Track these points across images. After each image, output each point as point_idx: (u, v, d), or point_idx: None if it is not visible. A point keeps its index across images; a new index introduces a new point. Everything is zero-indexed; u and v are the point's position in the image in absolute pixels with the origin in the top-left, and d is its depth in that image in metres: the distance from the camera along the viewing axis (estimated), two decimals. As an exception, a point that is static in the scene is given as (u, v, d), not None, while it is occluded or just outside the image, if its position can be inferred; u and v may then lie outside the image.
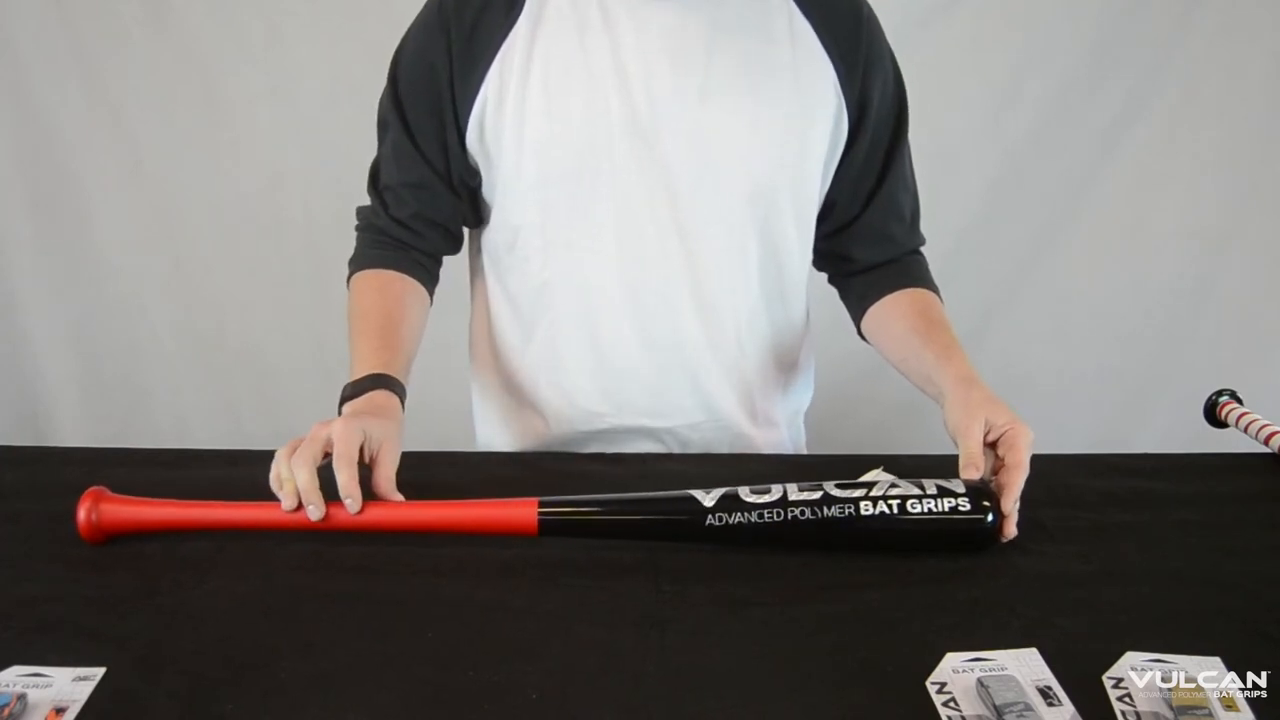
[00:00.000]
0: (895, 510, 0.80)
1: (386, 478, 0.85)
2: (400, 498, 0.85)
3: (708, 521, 0.80)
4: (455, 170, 1.06)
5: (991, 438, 0.89)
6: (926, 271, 1.14)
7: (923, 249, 1.16)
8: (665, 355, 1.08)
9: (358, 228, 1.11)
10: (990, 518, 0.81)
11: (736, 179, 1.03)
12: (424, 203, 1.07)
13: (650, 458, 1.06)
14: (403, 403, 0.94)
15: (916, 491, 0.81)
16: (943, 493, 0.81)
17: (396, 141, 1.05)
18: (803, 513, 0.80)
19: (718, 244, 1.05)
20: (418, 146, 1.05)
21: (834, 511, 0.80)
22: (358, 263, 1.08)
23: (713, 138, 1.01)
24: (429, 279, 1.10)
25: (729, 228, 1.05)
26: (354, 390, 0.93)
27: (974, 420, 0.89)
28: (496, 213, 1.08)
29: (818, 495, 0.81)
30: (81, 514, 0.80)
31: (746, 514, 0.80)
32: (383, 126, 1.08)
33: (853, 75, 1.03)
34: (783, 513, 0.80)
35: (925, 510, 0.80)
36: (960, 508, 0.81)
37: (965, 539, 0.82)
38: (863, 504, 0.80)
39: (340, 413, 0.92)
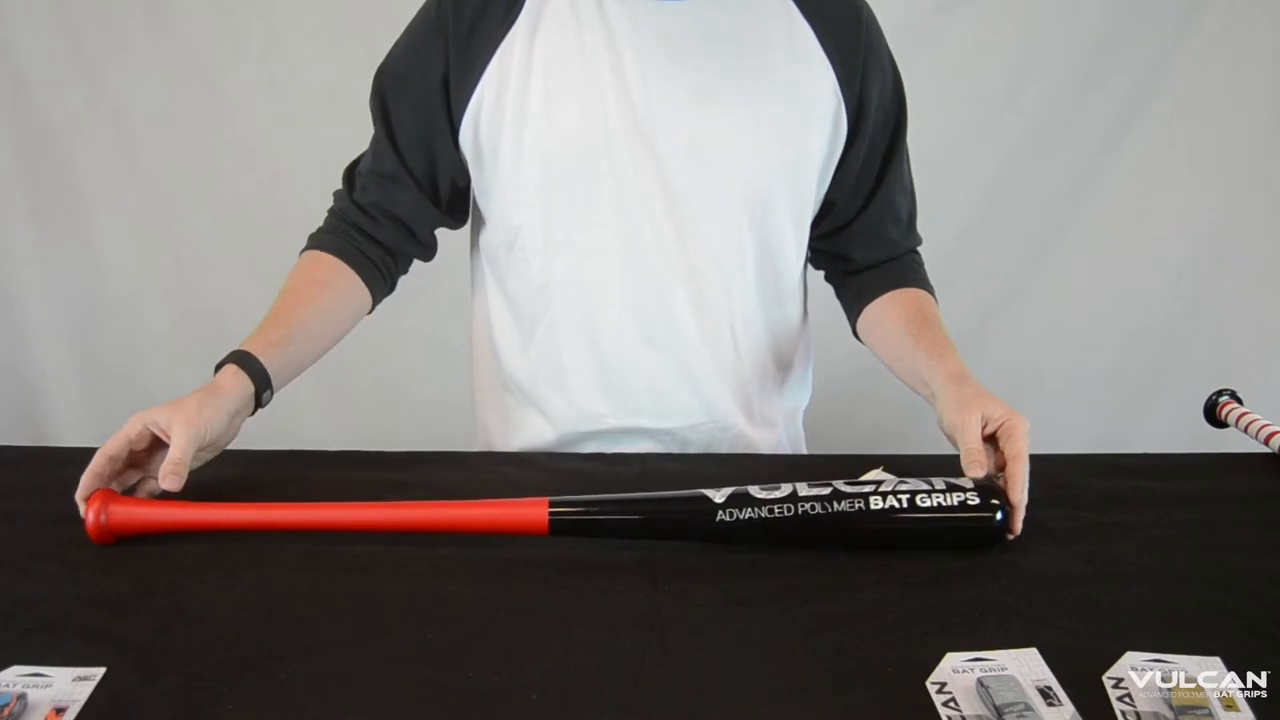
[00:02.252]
0: (905, 504, 0.80)
1: (171, 460, 0.83)
2: (177, 487, 0.82)
3: (718, 518, 0.80)
4: (442, 169, 1.06)
5: (989, 430, 0.88)
6: (922, 271, 1.15)
7: (919, 249, 1.16)
8: (664, 355, 1.08)
9: (328, 209, 1.12)
10: (999, 515, 0.81)
11: (733, 179, 1.03)
12: (387, 194, 1.08)
13: (650, 458, 1.06)
14: (259, 382, 0.92)
15: (925, 487, 0.81)
16: (951, 488, 0.81)
17: (377, 134, 1.08)
18: (813, 508, 0.80)
19: (714, 244, 1.05)
20: (394, 141, 1.06)
21: (844, 506, 0.80)
22: (309, 242, 1.10)
23: (709, 138, 1.01)
24: (375, 275, 1.09)
25: (725, 228, 1.05)
26: (220, 363, 0.93)
27: (969, 415, 0.88)
28: (495, 214, 1.08)
29: (827, 491, 0.81)
30: (90, 515, 0.80)
31: (757, 510, 0.80)
32: (372, 120, 1.09)
33: (851, 77, 1.03)
34: (793, 508, 0.80)
35: (935, 505, 0.80)
36: (969, 502, 0.81)
37: (974, 535, 0.82)
38: (872, 499, 0.80)
39: None
